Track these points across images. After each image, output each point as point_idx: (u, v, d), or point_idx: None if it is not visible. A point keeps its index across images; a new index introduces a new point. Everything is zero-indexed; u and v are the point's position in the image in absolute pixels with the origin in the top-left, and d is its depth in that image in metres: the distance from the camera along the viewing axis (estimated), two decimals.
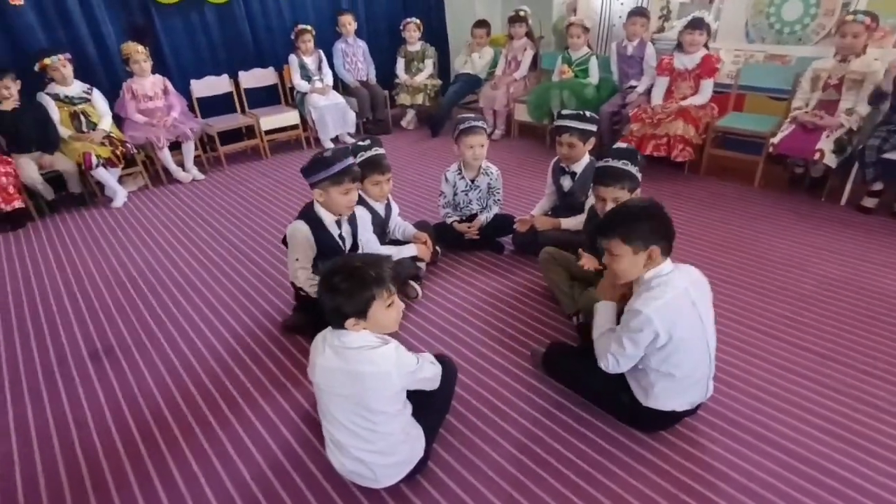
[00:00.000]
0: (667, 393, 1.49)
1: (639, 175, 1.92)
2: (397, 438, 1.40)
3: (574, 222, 2.41)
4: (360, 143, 2.27)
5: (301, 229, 1.93)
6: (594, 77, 4.05)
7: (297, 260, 1.96)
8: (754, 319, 2.12)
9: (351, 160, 1.93)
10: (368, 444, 1.35)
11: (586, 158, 2.44)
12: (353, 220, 2.10)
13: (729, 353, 1.95)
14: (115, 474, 1.58)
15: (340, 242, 2.04)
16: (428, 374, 1.46)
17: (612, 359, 1.49)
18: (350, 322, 1.28)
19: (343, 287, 1.25)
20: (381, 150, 2.28)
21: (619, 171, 1.88)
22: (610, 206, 1.86)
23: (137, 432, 1.73)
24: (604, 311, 1.62)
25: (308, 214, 1.97)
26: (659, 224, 1.42)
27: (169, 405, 1.84)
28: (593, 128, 2.37)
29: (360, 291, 1.26)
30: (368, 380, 1.28)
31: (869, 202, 2.93)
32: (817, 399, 1.72)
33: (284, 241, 2.04)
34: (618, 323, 1.53)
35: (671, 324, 1.38)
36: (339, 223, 2.02)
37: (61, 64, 3.39)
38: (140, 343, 2.18)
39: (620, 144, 2.02)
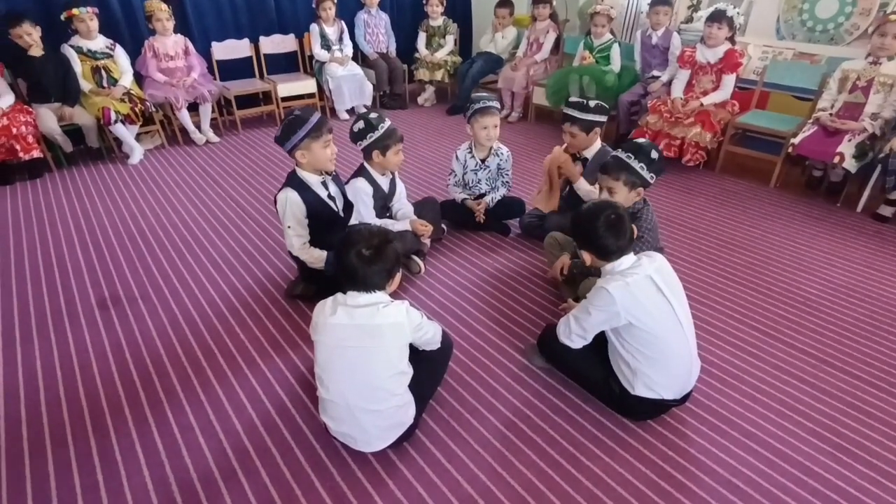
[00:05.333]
0: (651, 380, 1.50)
1: (643, 172, 1.84)
2: (396, 402, 1.43)
3: (588, 188, 2.33)
4: (372, 115, 2.23)
5: (290, 197, 1.95)
6: (616, 65, 3.98)
7: (289, 227, 1.98)
8: (755, 319, 2.11)
9: (319, 114, 1.94)
10: (369, 403, 1.39)
11: (597, 145, 2.40)
12: (337, 180, 2.12)
13: (726, 350, 1.95)
14: (115, 417, 1.64)
15: (331, 203, 2.05)
16: (430, 332, 1.53)
17: (573, 321, 1.58)
18: (393, 282, 1.44)
19: (385, 253, 1.36)
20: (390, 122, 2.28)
21: (614, 163, 1.89)
22: (604, 195, 1.91)
23: (138, 379, 1.79)
24: None
25: (293, 181, 1.98)
26: (578, 235, 1.58)
27: (169, 356, 1.90)
28: (598, 118, 2.30)
29: (394, 252, 1.40)
30: (386, 330, 1.37)
31: (886, 211, 2.87)
32: (809, 402, 1.72)
33: None
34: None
35: (635, 303, 1.44)
36: (325, 184, 2.03)
37: (88, 16, 3.41)
38: (146, 295, 2.23)
39: (638, 140, 1.96)
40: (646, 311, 1.45)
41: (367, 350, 1.37)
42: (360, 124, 2.19)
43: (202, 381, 1.79)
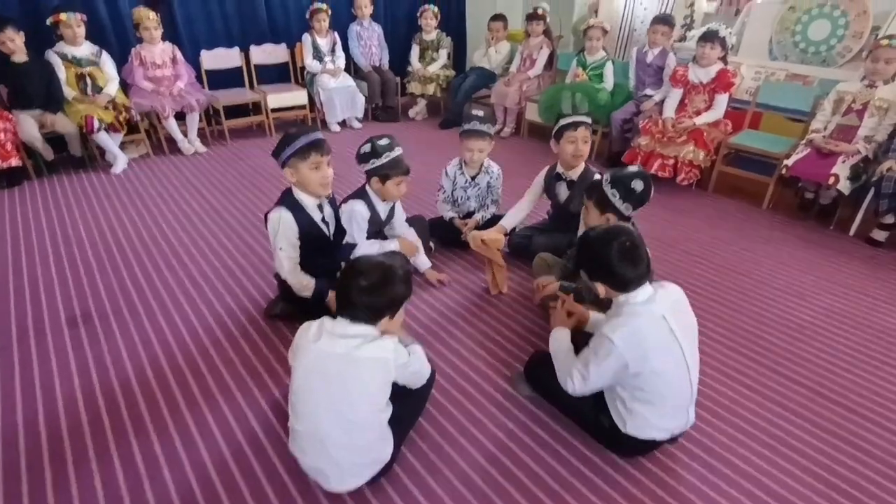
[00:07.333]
0: (646, 421, 1.43)
1: (615, 199, 1.79)
2: (372, 436, 1.36)
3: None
4: (381, 142, 2.10)
5: (283, 217, 1.87)
6: (609, 83, 3.95)
7: (280, 249, 1.90)
8: (747, 347, 2.06)
9: (318, 135, 1.84)
10: (345, 437, 1.31)
11: (581, 165, 2.34)
12: (333, 203, 2.06)
13: (717, 379, 1.89)
14: (75, 448, 1.55)
15: (324, 227, 1.99)
16: (415, 367, 1.46)
17: (579, 378, 1.45)
18: (384, 321, 1.35)
19: (383, 287, 1.31)
20: (401, 150, 2.16)
21: (593, 183, 1.89)
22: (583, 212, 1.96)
23: (104, 405, 1.70)
24: (559, 337, 1.63)
25: (288, 200, 1.91)
26: (590, 265, 1.44)
27: (139, 380, 1.81)
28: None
29: (395, 291, 1.33)
30: (368, 364, 1.30)
31: (879, 235, 2.84)
32: (802, 436, 1.66)
33: None
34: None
35: (642, 353, 1.34)
36: (320, 207, 1.97)
37: (76, 22, 3.35)
38: (118, 312, 2.14)
39: (632, 167, 1.95)
40: (653, 356, 1.35)
41: (345, 380, 1.30)
42: (367, 147, 2.09)
43: (171, 407, 1.70)
